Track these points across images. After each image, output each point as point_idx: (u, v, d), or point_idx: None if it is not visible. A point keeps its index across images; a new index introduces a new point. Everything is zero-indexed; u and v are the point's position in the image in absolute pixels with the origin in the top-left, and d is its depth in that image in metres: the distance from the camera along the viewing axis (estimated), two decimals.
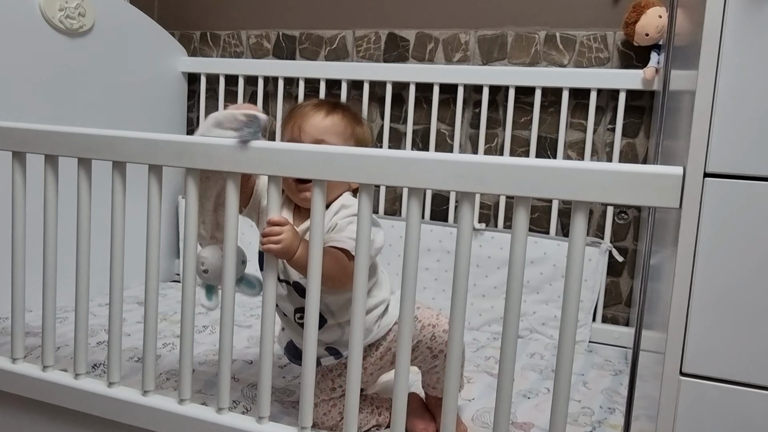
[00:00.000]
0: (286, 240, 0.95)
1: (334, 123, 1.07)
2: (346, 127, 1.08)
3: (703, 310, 0.76)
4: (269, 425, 1.02)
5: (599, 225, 1.73)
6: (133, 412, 1.09)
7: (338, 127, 1.07)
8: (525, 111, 1.76)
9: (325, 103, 1.10)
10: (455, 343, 0.89)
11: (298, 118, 1.08)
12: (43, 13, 1.60)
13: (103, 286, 1.33)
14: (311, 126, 1.06)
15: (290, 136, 1.08)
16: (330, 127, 1.06)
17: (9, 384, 1.20)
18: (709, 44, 0.73)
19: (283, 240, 0.95)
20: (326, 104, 1.10)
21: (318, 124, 1.06)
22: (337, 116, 1.08)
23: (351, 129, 1.09)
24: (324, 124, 1.06)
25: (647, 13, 1.56)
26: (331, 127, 1.06)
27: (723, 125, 0.73)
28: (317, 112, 1.07)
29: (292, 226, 0.98)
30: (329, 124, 1.06)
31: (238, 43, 2.07)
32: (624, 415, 1.18)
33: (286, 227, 0.96)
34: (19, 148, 1.12)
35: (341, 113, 1.09)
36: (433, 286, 1.76)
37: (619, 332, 1.68)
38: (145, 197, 1.05)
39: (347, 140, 1.08)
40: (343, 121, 1.08)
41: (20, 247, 1.17)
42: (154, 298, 1.08)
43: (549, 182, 0.80)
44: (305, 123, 1.06)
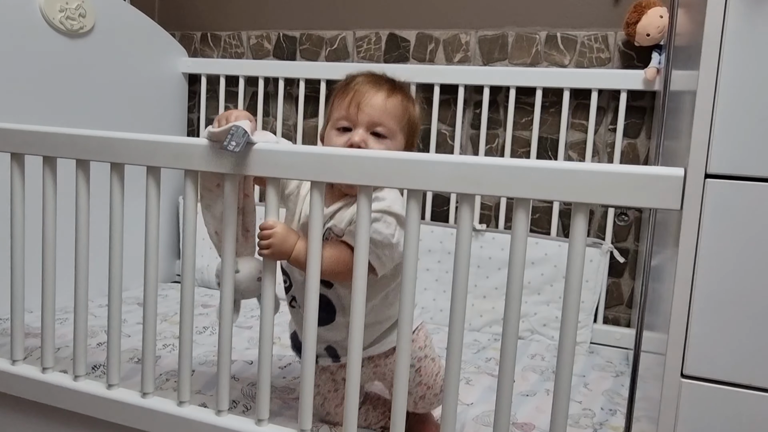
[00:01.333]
0: (274, 243, 0.95)
1: (394, 106, 1.03)
2: (404, 110, 1.05)
3: (704, 311, 0.75)
4: (269, 427, 1.02)
5: (600, 226, 1.73)
6: (132, 414, 1.09)
7: (398, 110, 1.03)
8: (526, 111, 1.76)
9: (384, 81, 1.06)
10: (454, 348, 0.88)
11: (357, 95, 1.03)
12: (43, 14, 1.60)
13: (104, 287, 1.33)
14: (371, 106, 1.01)
15: (345, 112, 1.03)
16: (390, 110, 1.02)
17: (8, 385, 1.19)
18: (710, 44, 0.73)
19: (271, 244, 0.95)
20: (386, 83, 1.05)
21: (378, 105, 1.02)
22: (397, 98, 1.04)
23: (408, 111, 1.05)
24: (385, 107, 1.02)
25: (648, 13, 1.56)
26: (392, 110, 1.03)
27: (724, 126, 0.73)
28: (378, 92, 1.03)
29: (282, 226, 0.96)
30: (390, 107, 1.03)
31: (239, 43, 2.07)
32: (625, 416, 1.18)
33: (274, 230, 0.95)
34: (17, 150, 1.12)
35: (400, 95, 1.05)
36: (434, 287, 1.75)
37: (620, 333, 1.68)
38: (143, 197, 1.04)
39: (402, 122, 1.05)
40: (402, 104, 1.05)
41: (19, 248, 1.17)
42: (153, 300, 1.07)
43: (548, 184, 0.80)
44: (364, 102, 1.02)
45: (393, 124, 1.03)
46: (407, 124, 1.06)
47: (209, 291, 1.95)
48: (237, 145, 0.91)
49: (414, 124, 1.07)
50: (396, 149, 1.04)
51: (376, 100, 1.02)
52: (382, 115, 1.02)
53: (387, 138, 1.02)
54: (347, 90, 1.04)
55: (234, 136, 0.91)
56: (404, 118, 1.05)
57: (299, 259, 0.96)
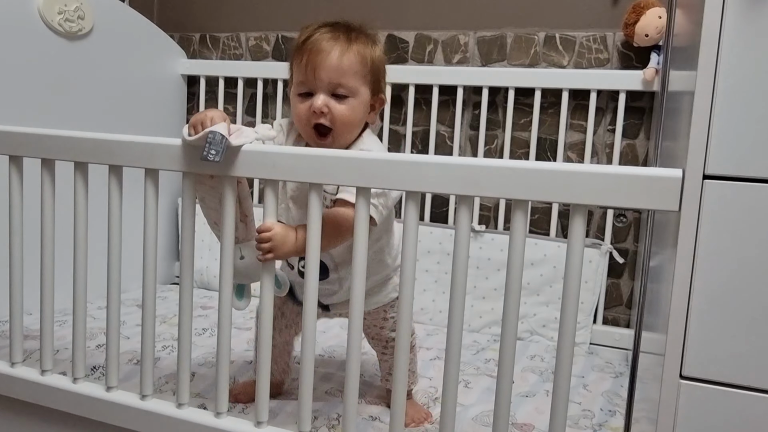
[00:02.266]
0: (276, 245, 0.94)
1: (351, 63, 0.99)
2: (363, 63, 1.01)
3: (702, 312, 0.75)
4: (268, 429, 1.02)
5: (599, 226, 1.73)
6: (131, 417, 1.09)
7: (356, 65, 1.00)
8: (525, 112, 1.76)
9: (338, 34, 1.01)
10: (453, 345, 0.88)
11: (311, 56, 0.99)
12: (42, 16, 1.60)
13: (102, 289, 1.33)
14: (327, 69, 0.98)
15: (303, 77, 1.00)
16: (348, 69, 0.99)
17: (7, 388, 1.19)
18: (707, 45, 0.73)
19: (273, 247, 0.94)
20: (340, 37, 1.00)
21: (334, 66, 0.98)
22: (352, 52, 1.00)
23: (368, 61, 1.01)
24: (341, 67, 0.99)
25: (647, 13, 1.56)
26: (349, 67, 0.99)
27: (722, 127, 0.73)
28: (332, 50, 0.99)
29: (280, 226, 0.96)
30: (347, 65, 0.99)
31: (238, 45, 2.07)
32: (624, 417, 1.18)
33: (273, 231, 0.94)
34: (16, 152, 1.12)
35: (356, 46, 1.00)
36: (433, 288, 1.75)
37: (619, 334, 1.68)
38: (141, 199, 1.04)
39: (363, 75, 1.01)
40: (360, 56, 1.00)
41: (18, 250, 1.17)
42: (152, 302, 1.07)
43: (547, 185, 0.80)
44: (320, 65, 0.98)
45: (353, 82, 1.00)
46: (369, 73, 1.02)
47: (208, 293, 1.95)
48: (217, 154, 0.89)
49: (377, 70, 1.04)
50: (361, 103, 1.02)
51: (331, 60, 0.98)
52: (340, 77, 0.99)
53: (349, 97, 1.01)
54: (302, 51, 1.01)
55: (212, 144, 0.88)
56: (365, 70, 1.01)
57: (302, 250, 0.95)
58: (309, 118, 1.00)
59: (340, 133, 1.02)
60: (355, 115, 1.01)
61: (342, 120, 1.00)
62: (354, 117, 1.01)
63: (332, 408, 1.20)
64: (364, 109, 1.03)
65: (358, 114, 1.02)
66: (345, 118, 1.00)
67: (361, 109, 1.02)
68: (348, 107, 1.00)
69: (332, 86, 1.00)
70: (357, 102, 1.01)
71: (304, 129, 1.03)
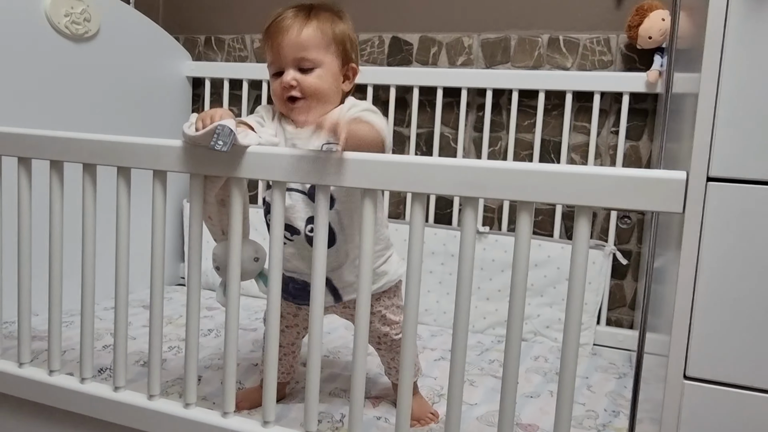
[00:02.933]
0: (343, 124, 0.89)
1: (310, 35, 1.05)
2: (324, 34, 1.06)
3: (706, 313, 0.76)
4: (274, 429, 1.03)
5: (603, 228, 1.73)
6: (139, 416, 1.09)
7: (315, 37, 1.05)
8: (528, 114, 1.76)
9: (299, 13, 1.07)
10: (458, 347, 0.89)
11: (274, 37, 1.06)
12: (48, 19, 1.61)
13: (108, 290, 1.34)
14: (288, 46, 1.04)
15: (271, 57, 1.07)
16: (307, 42, 1.04)
17: (15, 388, 1.20)
18: (711, 47, 0.73)
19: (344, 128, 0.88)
20: (299, 15, 1.06)
21: (293, 41, 1.04)
22: (312, 26, 1.05)
23: (329, 32, 1.06)
24: (300, 41, 1.04)
25: (650, 16, 1.56)
26: (308, 40, 1.04)
27: (726, 129, 0.73)
28: (291, 28, 1.05)
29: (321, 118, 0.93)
30: (305, 39, 1.04)
31: (243, 47, 2.08)
32: (628, 418, 1.18)
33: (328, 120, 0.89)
34: (24, 154, 1.13)
35: (316, 20, 1.06)
36: (437, 290, 1.76)
37: (623, 335, 1.68)
38: (147, 201, 1.05)
39: (326, 45, 1.06)
40: (320, 28, 1.06)
41: (26, 252, 1.18)
42: (159, 303, 1.08)
43: (552, 187, 0.80)
44: (282, 43, 1.05)
45: (315, 54, 1.05)
46: (333, 43, 1.07)
47: (213, 294, 1.96)
48: (224, 144, 0.92)
49: (342, 40, 1.08)
50: (328, 72, 1.06)
51: (290, 37, 1.04)
52: (301, 50, 1.04)
53: (315, 68, 1.05)
54: (268, 34, 1.08)
55: (221, 135, 0.91)
56: (326, 41, 1.06)
57: None
58: (282, 93, 1.06)
59: (315, 101, 1.07)
60: (324, 83, 1.06)
61: (311, 89, 1.06)
62: (323, 85, 1.06)
63: (336, 409, 1.21)
64: (333, 78, 1.08)
65: (326, 82, 1.06)
66: (314, 86, 1.06)
67: (330, 77, 1.07)
68: (315, 76, 1.05)
69: (296, 61, 1.05)
70: (323, 71, 1.06)
71: (280, 105, 1.09)
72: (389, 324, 1.16)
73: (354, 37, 1.11)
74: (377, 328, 1.16)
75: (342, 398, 1.27)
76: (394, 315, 1.17)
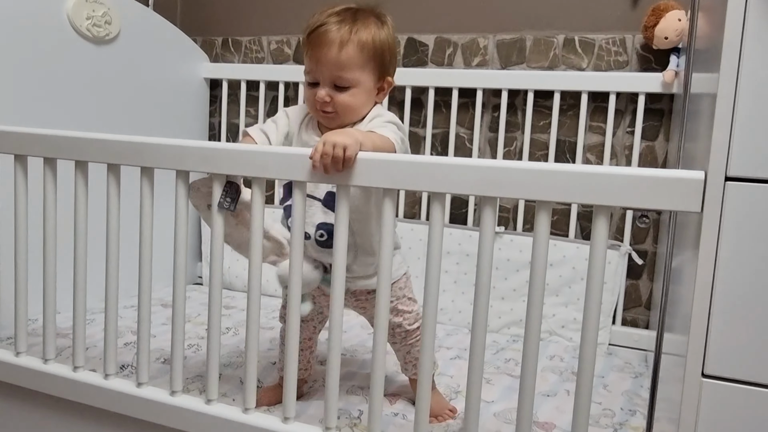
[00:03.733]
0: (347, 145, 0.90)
1: (350, 56, 1.04)
2: (362, 55, 1.05)
3: (724, 312, 0.76)
4: (294, 425, 1.04)
5: (619, 228, 1.73)
6: (161, 412, 1.12)
7: (356, 57, 1.05)
8: (544, 114, 1.77)
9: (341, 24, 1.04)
10: (478, 346, 0.90)
11: (314, 49, 1.06)
12: (71, 22, 1.65)
13: (128, 289, 1.37)
14: (327, 64, 1.04)
15: (308, 67, 1.08)
16: (347, 62, 1.04)
17: (41, 384, 1.23)
18: (730, 47, 0.74)
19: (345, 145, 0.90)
20: (342, 27, 1.04)
21: (333, 60, 1.04)
22: (353, 45, 1.04)
23: (370, 50, 1.05)
24: (340, 61, 1.04)
25: (666, 16, 1.56)
26: (348, 61, 1.04)
27: (744, 128, 0.74)
28: (332, 43, 1.04)
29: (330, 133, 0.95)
30: (345, 60, 1.04)
31: (259, 48, 2.10)
32: (646, 417, 1.19)
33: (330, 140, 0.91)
34: (50, 155, 1.16)
35: (357, 38, 1.04)
36: (452, 289, 1.77)
37: (638, 335, 1.68)
38: (167, 201, 1.07)
39: (365, 64, 1.06)
40: (360, 47, 1.04)
41: (51, 250, 1.20)
42: (181, 302, 1.10)
43: (570, 187, 0.81)
44: (321, 58, 1.04)
45: (352, 74, 1.05)
46: (372, 60, 1.07)
47: (231, 292, 1.99)
48: (232, 202, 1.02)
49: (381, 55, 1.08)
50: (363, 91, 1.08)
51: (331, 55, 1.04)
52: (338, 70, 1.05)
53: (351, 87, 1.06)
54: (308, 41, 1.07)
55: (228, 193, 1.02)
56: (366, 60, 1.06)
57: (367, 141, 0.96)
58: (315, 103, 1.08)
59: (344, 115, 1.09)
60: (357, 101, 1.08)
61: (344, 107, 1.08)
62: (356, 102, 1.08)
63: (354, 406, 1.23)
64: (366, 95, 1.09)
65: (360, 99, 1.08)
66: (347, 104, 1.08)
67: (363, 95, 1.09)
68: (349, 95, 1.07)
69: (333, 78, 1.06)
70: (359, 90, 1.07)
71: (312, 111, 1.12)
72: (401, 314, 1.18)
73: (394, 45, 1.11)
74: (389, 320, 1.17)
75: (359, 396, 1.28)
76: (404, 305, 1.19)
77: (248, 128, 1.13)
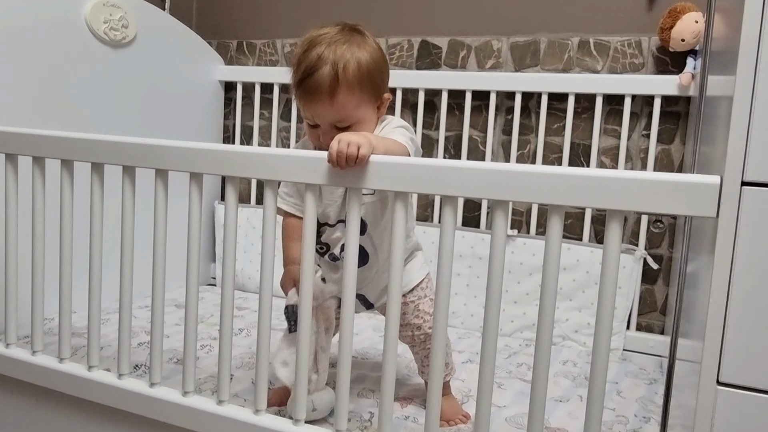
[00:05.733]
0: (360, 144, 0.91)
1: (344, 101, 1.03)
2: (355, 95, 1.03)
3: (740, 318, 0.75)
4: (305, 427, 1.04)
5: (633, 232, 1.72)
6: (174, 412, 1.12)
7: (349, 101, 1.03)
8: (558, 117, 1.76)
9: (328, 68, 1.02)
10: (489, 350, 0.89)
11: (306, 102, 1.05)
12: (88, 25, 1.67)
13: (142, 289, 1.38)
14: (324, 114, 1.04)
15: (305, 113, 1.07)
16: (342, 107, 1.03)
17: (57, 383, 1.24)
18: (746, 50, 0.73)
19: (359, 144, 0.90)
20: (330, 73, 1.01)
21: (327, 111, 1.03)
22: (342, 90, 1.02)
23: (361, 85, 1.03)
24: (334, 108, 1.03)
25: (683, 18, 1.55)
26: (343, 105, 1.03)
27: (761, 132, 0.73)
28: (322, 95, 1.02)
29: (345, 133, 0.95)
30: (340, 105, 1.03)
31: (274, 51, 2.12)
32: (660, 424, 1.17)
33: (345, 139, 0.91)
34: (66, 156, 1.17)
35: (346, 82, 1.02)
36: (464, 292, 1.76)
37: (654, 341, 1.66)
38: (179, 203, 1.08)
39: (360, 102, 1.04)
40: (350, 90, 1.03)
41: (67, 251, 1.22)
42: (194, 303, 1.11)
43: (584, 191, 0.80)
44: (316, 110, 1.04)
45: (351, 113, 1.04)
46: (366, 91, 1.05)
47: (243, 294, 2.00)
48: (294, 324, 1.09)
49: (372, 80, 1.05)
50: (365, 120, 1.07)
51: (325, 106, 1.03)
52: (336, 115, 1.04)
53: (353, 124, 1.05)
54: (298, 92, 1.06)
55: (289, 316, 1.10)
56: (360, 95, 1.04)
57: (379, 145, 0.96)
58: (318, 143, 1.08)
59: None
60: (362, 128, 1.07)
61: None
62: (361, 130, 1.06)
63: (364, 408, 1.22)
64: (369, 121, 1.09)
65: (364, 127, 1.07)
66: None
67: (366, 124, 1.08)
68: (353, 129, 1.05)
69: (333, 122, 1.05)
70: (360, 123, 1.06)
71: (318, 148, 1.10)
72: (422, 316, 1.18)
73: (380, 59, 1.08)
74: (410, 322, 1.18)
75: (370, 399, 1.28)
76: (426, 306, 1.19)
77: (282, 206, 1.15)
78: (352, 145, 0.91)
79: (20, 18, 1.52)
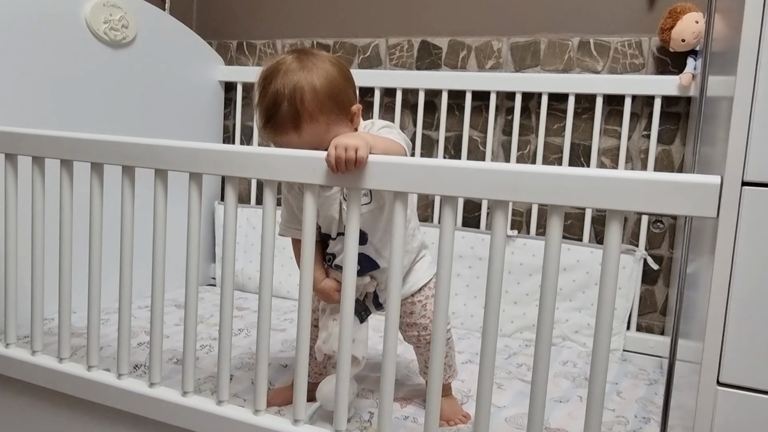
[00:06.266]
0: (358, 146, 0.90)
1: (309, 134, 1.02)
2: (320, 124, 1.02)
3: (740, 319, 0.75)
4: (305, 427, 1.04)
5: (633, 232, 1.71)
6: (173, 412, 1.12)
7: (316, 131, 1.02)
8: (558, 118, 1.76)
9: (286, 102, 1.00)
10: (488, 350, 0.89)
11: (275, 140, 1.04)
12: (88, 26, 1.67)
13: (142, 289, 1.38)
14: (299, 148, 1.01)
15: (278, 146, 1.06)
16: (309, 139, 1.02)
17: (56, 382, 1.24)
18: (747, 50, 0.73)
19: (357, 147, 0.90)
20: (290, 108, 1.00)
21: (299, 144, 1.02)
22: (307, 124, 1.01)
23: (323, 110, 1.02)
24: (304, 143, 1.02)
25: (683, 18, 1.54)
26: (312, 138, 1.02)
27: (761, 132, 0.73)
28: (288, 131, 1.02)
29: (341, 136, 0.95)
30: (307, 139, 1.02)
31: (274, 51, 2.11)
32: (660, 425, 1.17)
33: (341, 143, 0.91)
34: (66, 156, 1.17)
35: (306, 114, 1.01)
36: (464, 293, 1.76)
37: (654, 341, 1.66)
38: (180, 203, 1.08)
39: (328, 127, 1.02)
40: (314, 123, 1.01)
41: (67, 251, 1.21)
42: (193, 303, 1.11)
43: (584, 191, 0.80)
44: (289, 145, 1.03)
45: (323, 137, 1.01)
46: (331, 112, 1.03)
47: (243, 294, 2.00)
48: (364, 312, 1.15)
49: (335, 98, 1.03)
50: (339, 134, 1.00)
51: (294, 140, 1.02)
52: (309, 144, 1.01)
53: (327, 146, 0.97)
54: (266, 135, 1.05)
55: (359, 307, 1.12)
56: (326, 119, 1.02)
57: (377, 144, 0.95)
58: None
59: None
60: None
61: None
62: None
63: (364, 408, 1.22)
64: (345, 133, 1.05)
65: None
66: None
67: None
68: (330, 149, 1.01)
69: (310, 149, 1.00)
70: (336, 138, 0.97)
71: None
72: (429, 316, 1.18)
73: (337, 78, 1.05)
74: (417, 322, 1.18)
75: (370, 399, 1.28)
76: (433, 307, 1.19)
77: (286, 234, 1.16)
78: (350, 148, 0.90)
79: (20, 18, 1.52)
